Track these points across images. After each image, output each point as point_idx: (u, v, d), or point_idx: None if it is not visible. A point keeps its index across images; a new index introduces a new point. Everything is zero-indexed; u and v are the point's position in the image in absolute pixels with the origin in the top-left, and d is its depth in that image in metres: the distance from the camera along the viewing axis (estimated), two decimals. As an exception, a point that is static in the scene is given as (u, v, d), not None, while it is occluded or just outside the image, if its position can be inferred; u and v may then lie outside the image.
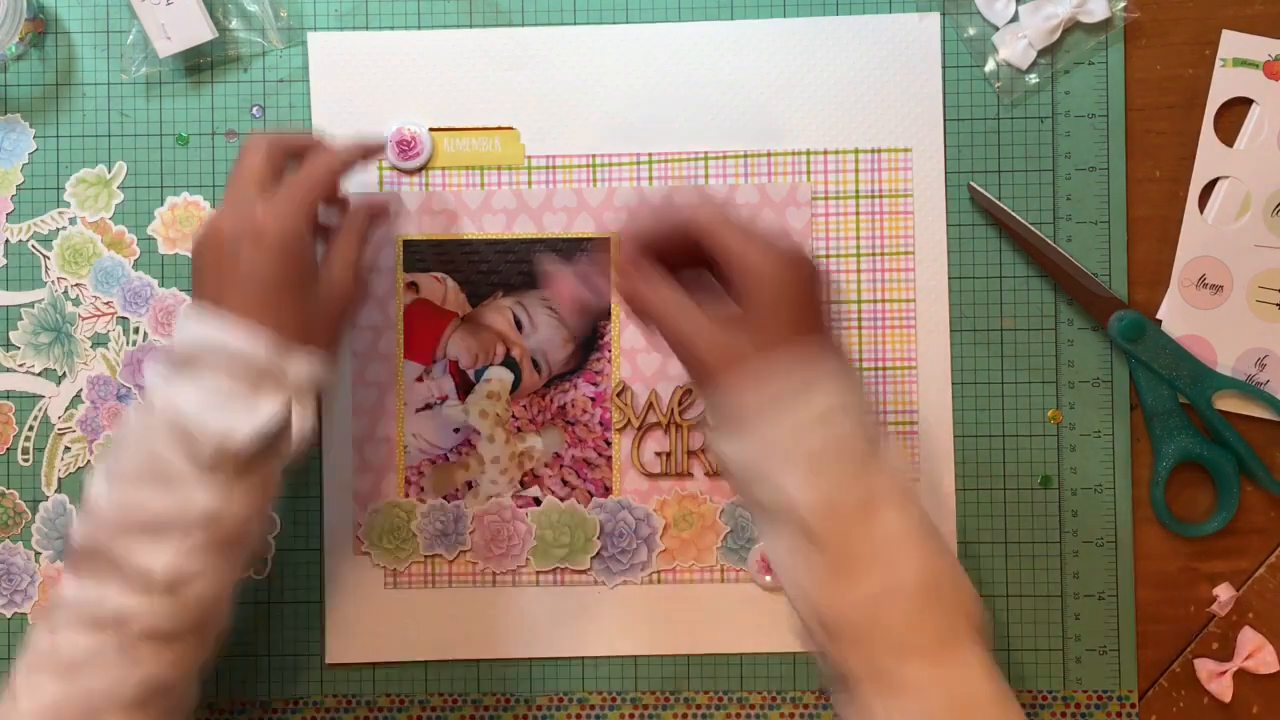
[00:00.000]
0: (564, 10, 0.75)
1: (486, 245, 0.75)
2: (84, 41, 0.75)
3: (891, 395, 0.74)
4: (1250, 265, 0.74)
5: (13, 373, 0.75)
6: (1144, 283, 0.75)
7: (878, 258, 0.75)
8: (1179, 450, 0.73)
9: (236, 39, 0.75)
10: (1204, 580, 0.74)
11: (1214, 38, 0.74)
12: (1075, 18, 0.74)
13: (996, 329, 0.75)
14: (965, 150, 0.75)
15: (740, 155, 0.75)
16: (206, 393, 0.59)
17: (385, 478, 0.75)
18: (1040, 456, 0.75)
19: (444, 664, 0.75)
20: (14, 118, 0.75)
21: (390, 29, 0.75)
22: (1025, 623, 0.74)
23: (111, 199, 0.75)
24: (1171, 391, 0.73)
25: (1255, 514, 0.74)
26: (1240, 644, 0.74)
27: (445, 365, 0.75)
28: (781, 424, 0.56)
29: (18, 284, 0.75)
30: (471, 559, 0.74)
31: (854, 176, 0.75)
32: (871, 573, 0.56)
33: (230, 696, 0.74)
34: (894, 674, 0.55)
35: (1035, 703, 0.74)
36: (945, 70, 0.75)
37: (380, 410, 0.75)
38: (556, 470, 0.75)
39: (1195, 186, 0.74)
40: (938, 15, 0.75)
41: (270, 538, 0.75)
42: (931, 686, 0.55)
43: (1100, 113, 0.75)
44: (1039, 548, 0.74)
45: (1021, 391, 0.75)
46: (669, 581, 0.74)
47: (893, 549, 0.56)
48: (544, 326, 0.75)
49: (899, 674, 0.55)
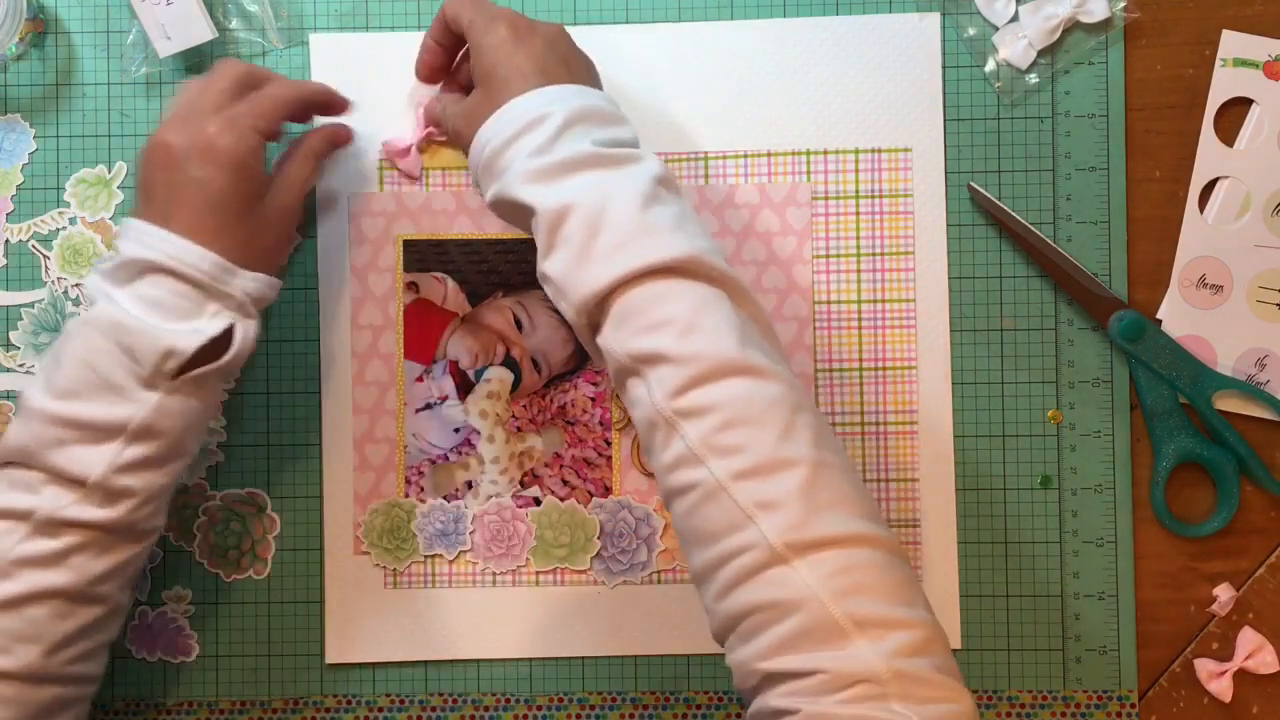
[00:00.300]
0: (563, 11, 0.75)
1: (486, 245, 0.75)
2: (84, 41, 0.75)
3: (891, 395, 0.75)
4: (1250, 265, 0.74)
5: (13, 373, 0.75)
6: (1144, 283, 0.75)
7: (878, 258, 0.75)
8: (1179, 450, 0.73)
9: (236, 39, 0.75)
10: (1204, 580, 0.74)
11: (1214, 38, 0.74)
12: (1075, 18, 0.74)
13: (996, 329, 0.75)
14: (965, 150, 0.75)
15: (740, 155, 0.75)
16: (150, 306, 0.60)
17: (385, 478, 0.75)
18: (1040, 456, 0.75)
19: (444, 664, 0.75)
20: (14, 118, 0.75)
21: (390, 29, 0.75)
22: (1025, 623, 0.74)
23: (111, 199, 0.75)
24: (1171, 391, 0.73)
25: (1255, 514, 0.74)
26: (1240, 644, 0.74)
27: (445, 365, 0.75)
28: (519, 155, 0.61)
29: (18, 284, 0.75)
30: (471, 559, 0.74)
31: (854, 176, 0.75)
32: (614, 258, 0.58)
33: (230, 696, 0.74)
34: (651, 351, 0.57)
35: (1035, 703, 0.74)
36: (945, 70, 0.75)
37: (380, 410, 0.75)
38: (556, 470, 0.75)
39: (1195, 186, 0.74)
40: (938, 15, 0.75)
41: (270, 537, 0.75)
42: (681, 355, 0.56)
43: (1100, 113, 0.75)
44: (1039, 548, 0.74)
45: (1021, 391, 0.75)
46: (669, 581, 0.74)
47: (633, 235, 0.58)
48: (544, 326, 0.75)
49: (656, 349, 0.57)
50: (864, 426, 0.74)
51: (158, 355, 0.59)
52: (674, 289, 0.58)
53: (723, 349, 0.56)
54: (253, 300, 0.63)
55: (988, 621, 0.74)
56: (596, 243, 0.58)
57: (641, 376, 0.58)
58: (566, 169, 0.60)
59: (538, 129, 0.61)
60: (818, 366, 0.74)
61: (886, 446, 0.74)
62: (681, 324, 0.57)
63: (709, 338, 0.56)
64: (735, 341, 0.56)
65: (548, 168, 0.60)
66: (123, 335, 0.59)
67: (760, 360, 0.57)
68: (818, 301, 0.75)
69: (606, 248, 0.58)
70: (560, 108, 0.61)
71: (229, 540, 0.75)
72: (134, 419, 0.59)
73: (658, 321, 0.57)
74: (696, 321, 0.57)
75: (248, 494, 0.75)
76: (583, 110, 0.62)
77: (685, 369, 0.56)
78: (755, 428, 0.55)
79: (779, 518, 0.53)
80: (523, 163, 0.61)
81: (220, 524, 0.75)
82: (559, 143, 0.61)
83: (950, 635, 0.74)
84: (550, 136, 0.61)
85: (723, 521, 0.54)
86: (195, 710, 0.74)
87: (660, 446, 0.57)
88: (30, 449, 0.59)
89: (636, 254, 0.58)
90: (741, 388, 0.56)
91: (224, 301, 0.62)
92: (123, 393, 0.59)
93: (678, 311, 0.57)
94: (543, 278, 0.61)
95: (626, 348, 0.58)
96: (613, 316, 0.58)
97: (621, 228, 0.58)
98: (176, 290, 0.61)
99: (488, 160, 0.63)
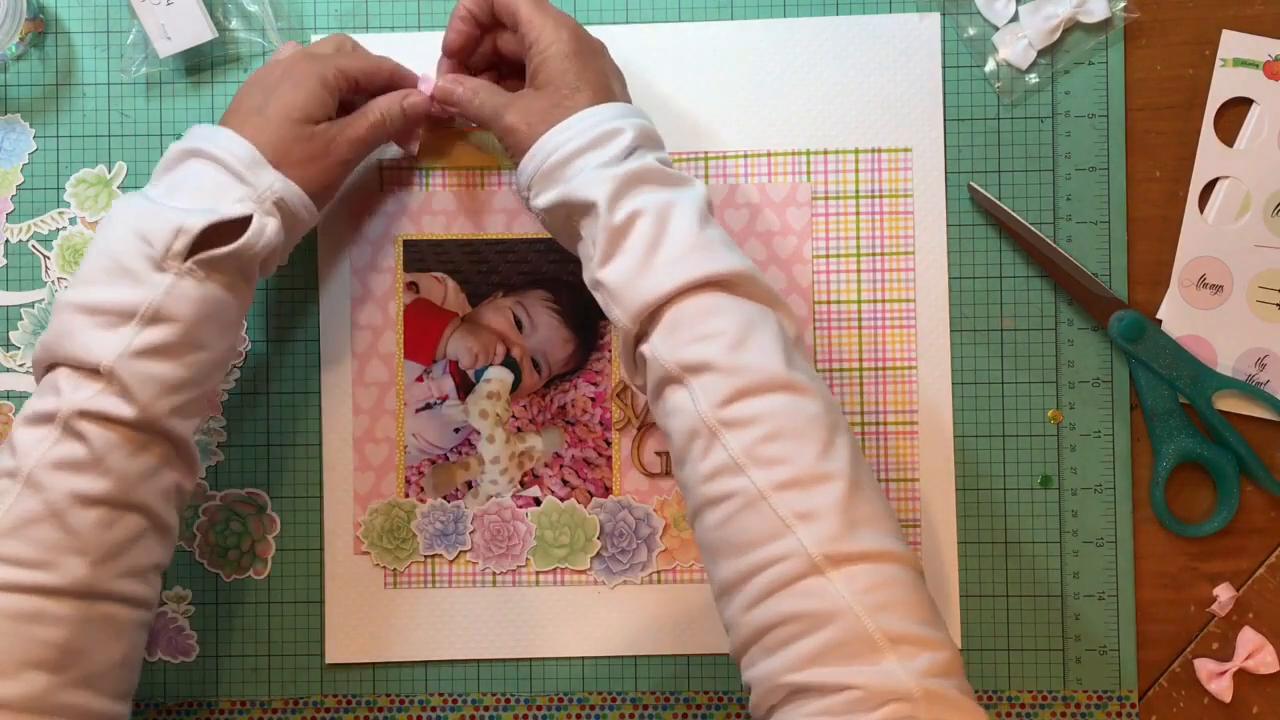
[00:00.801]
0: (564, 11, 0.75)
1: (486, 245, 0.75)
2: (84, 41, 0.75)
3: (891, 395, 0.75)
4: (1250, 265, 0.74)
5: (13, 373, 0.75)
6: (1144, 283, 0.75)
7: (878, 258, 0.75)
8: (1179, 450, 0.73)
9: (236, 39, 0.75)
10: (1204, 580, 0.75)
11: (1214, 38, 0.74)
12: (1075, 18, 0.74)
13: (996, 329, 0.75)
14: (965, 150, 0.75)
15: (740, 155, 0.75)
16: (177, 191, 0.62)
17: (385, 478, 0.75)
18: (1040, 456, 0.75)
19: (444, 664, 0.75)
20: (14, 118, 0.75)
21: (390, 29, 0.75)
22: (1025, 623, 0.74)
23: (111, 199, 0.75)
24: (1171, 391, 0.73)
25: (1255, 514, 0.74)
26: (1240, 644, 0.74)
27: (445, 365, 0.75)
28: (589, 165, 0.62)
29: (18, 284, 0.75)
30: (471, 559, 0.74)
31: (854, 176, 0.75)
32: (675, 269, 0.59)
33: (230, 696, 0.74)
34: (700, 361, 0.58)
35: (1035, 703, 0.74)
36: (945, 70, 0.75)
37: (380, 410, 0.75)
38: (556, 470, 0.75)
39: (1195, 186, 0.74)
40: (938, 15, 0.75)
41: (270, 537, 0.75)
42: (730, 366, 0.58)
43: (1100, 113, 0.75)
44: (1039, 548, 0.74)
45: (1021, 391, 0.75)
46: (669, 581, 0.74)
47: (692, 249, 0.60)
48: (544, 326, 0.75)
49: (705, 358, 0.58)
50: (864, 426, 0.74)
51: (169, 234, 0.59)
52: (726, 304, 0.59)
53: (770, 364, 0.58)
54: (276, 201, 0.63)
55: (988, 621, 0.74)
56: (658, 255, 0.60)
57: (685, 385, 0.59)
58: (637, 181, 0.62)
59: (611, 143, 0.63)
60: (818, 366, 0.74)
61: (886, 446, 0.74)
62: (732, 337, 0.58)
63: (757, 353, 0.58)
64: (782, 359, 0.58)
65: (619, 177, 0.61)
66: (139, 220, 0.60)
67: (804, 379, 0.58)
68: (818, 301, 0.75)
69: (668, 258, 0.60)
70: (630, 125, 0.63)
71: (229, 540, 0.75)
72: (146, 301, 0.59)
73: (709, 333, 0.58)
74: (746, 336, 0.58)
75: (248, 494, 0.75)
76: (647, 131, 0.64)
77: (733, 380, 0.57)
78: (797, 442, 0.56)
79: (818, 529, 0.54)
80: (593, 173, 0.62)
81: (220, 524, 0.75)
82: (629, 159, 0.63)
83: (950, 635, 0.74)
84: (622, 150, 0.62)
85: (761, 531, 0.55)
86: (195, 710, 0.74)
87: (699, 455, 0.58)
88: (52, 343, 0.60)
89: (696, 265, 0.59)
90: (786, 403, 0.57)
91: (248, 190, 0.62)
92: (136, 277, 0.59)
93: (729, 325, 0.58)
94: (594, 284, 0.62)
95: (676, 356, 0.59)
96: (664, 325, 0.59)
97: (682, 242, 0.60)
98: (208, 175, 0.62)
99: (551, 167, 0.63)
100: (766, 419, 0.57)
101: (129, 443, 0.59)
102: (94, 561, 0.57)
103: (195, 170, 0.63)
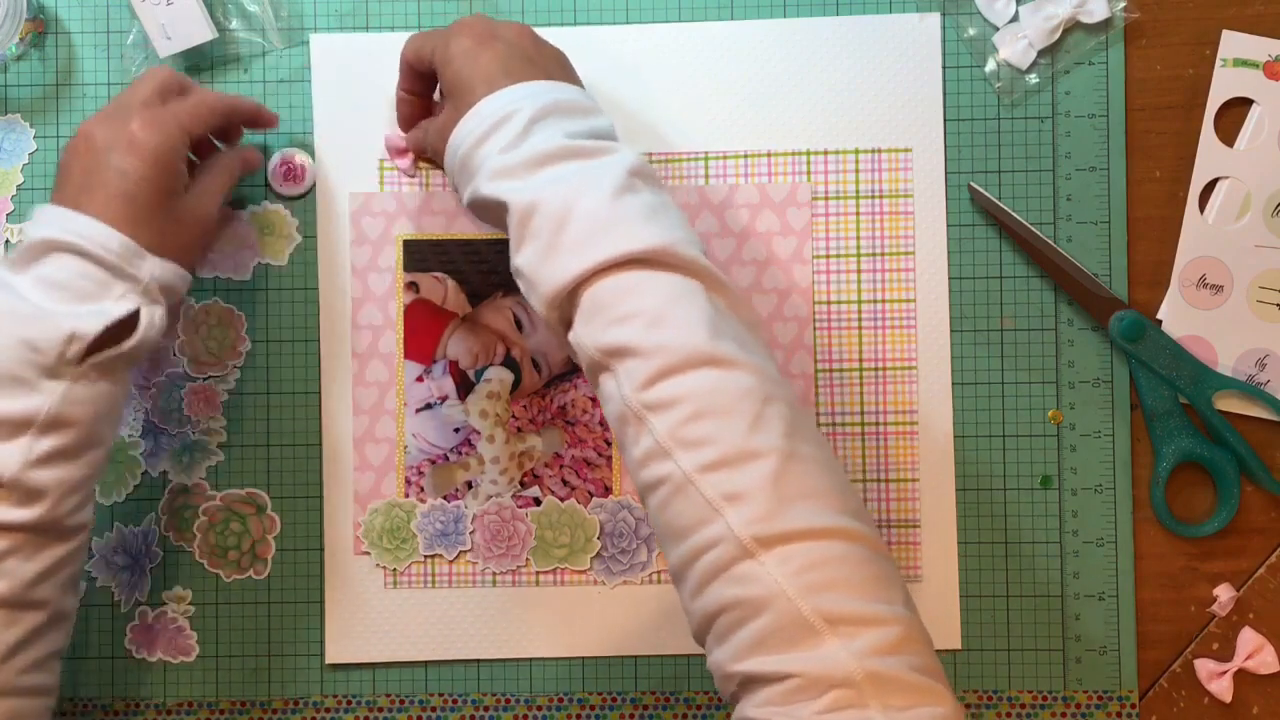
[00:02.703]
0: (564, 10, 0.75)
1: (486, 245, 0.75)
2: (84, 41, 0.75)
3: (891, 395, 0.75)
4: (1250, 265, 0.74)
5: (13, 373, 0.75)
6: (1144, 283, 0.75)
7: (878, 258, 0.75)
8: (1179, 450, 0.73)
9: (236, 39, 0.75)
10: (1204, 580, 0.74)
11: (1214, 38, 0.74)
12: (1075, 18, 0.74)
13: (996, 329, 0.75)
14: (965, 150, 0.75)
15: (740, 155, 0.75)
16: (52, 289, 0.59)
17: (385, 478, 0.75)
18: (1040, 456, 0.75)
19: (444, 664, 0.75)
20: (14, 118, 0.75)
21: (390, 29, 0.75)
22: (1025, 623, 0.74)
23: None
24: (1171, 391, 0.73)
25: (1255, 514, 0.74)
26: (1240, 644, 0.74)
27: (445, 365, 0.75)
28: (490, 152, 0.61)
29: (18, 284, 0.75)
30: (471, 559, 0.74)
31: (854, 176, 0.75)
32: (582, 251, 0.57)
33: (230, 696, 0.74)
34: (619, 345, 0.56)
35: (1035, 703, 0.74)
36: (945, 70, 0.75)
37: (380, 410, 0.75)
38: (556, 470, 0.75)
39: (1195, 186, 0.74)
40: (938, 15, 0.75)
41: (270, 537, 0.75)
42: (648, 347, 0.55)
43: (1100, 113, 0.75)
44: (1039, 548, 0.74)
45: (1021, 391, 0.75)
46: (669, 581, 0.74)
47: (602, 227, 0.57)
48: (544, 326, 0.75)
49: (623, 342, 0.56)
50: (864, 426, 0.74)
51: (60, 341, 0.58)
52: (644, 280, 0.56)
53: (691, 340, 0.55)
54: (160, 288, 0.62)
55: (988, 621, 0.74)
56: (564, 235, 0.57)
57: (611, 371, 0.56)
58: (537, 163, 0.59)
59: (505, 126, 0.60)
60: (818, 366, 0.74)
61: (886, 446, 0.74)
62: (650, 315, 0.55)
63: (678, 329, 0.55)
64: (705, 332, 0.55)
65: (518, 163, 0.59)
66: (20, 326, 0.58)
67: (731, 350, 0.55)
68: (818, 301, 0.75)
69: (574, 240, 0.57)
70: (528, 104, 0.61)
71: (229, 540, 0.75)
72: (42, 410, 0.58)
73: (626, 314, 0.56)
74: (666, 313, 0.55)
75: (248, 494, 0.75)
76: (553, 104, 0.61)
77: (652, 361, 0.55)
78: (723, 419, 0.54)
79: (745, 509, 0.52)
80: (494, 160, 0.60)
81: (220, 524, 0.75)
82: (529, 138, 0.60)
83: (950, 635, 0.74)
84: (519, 132, 0.60)
85: (692, 516, 0.53)
86: (195, 710, 0.74)
87: (631, 441, 0.56)
88: None
89: (605, 245, 0.56)
90: (710, 379, 0.54)
91: (130, 284, 0.61)
92: (28, 384, 0.58)
93: (647, 304, 0.56)
94: (515, 273, 0.60)
95: (596, 341, 0.57)
96: (582, 310, 0.57)
97: (591, 219, 0.57)
98: (81, 271, 0.60)
99: (460, 163, 0.63)
100: (689, 399, 0.54)
101: (28, 545, 0.59)
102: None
103: (66, 265, 0.60)
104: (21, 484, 0.58)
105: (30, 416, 0.58)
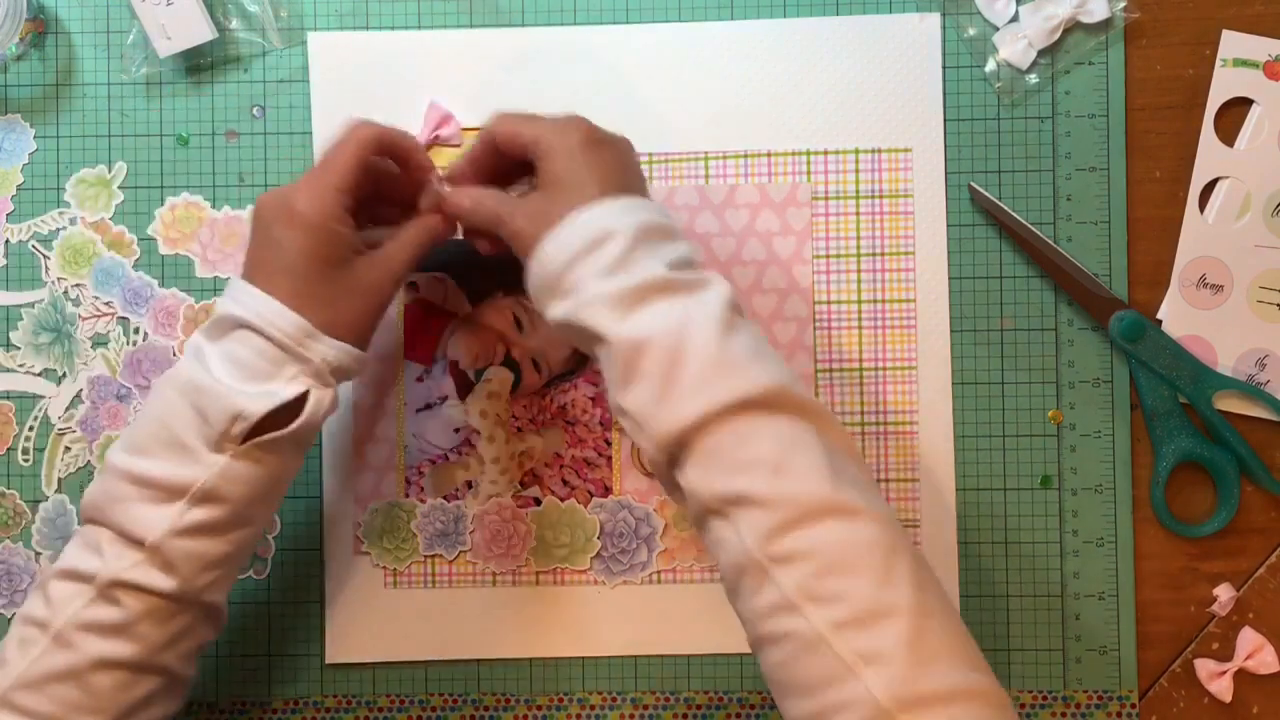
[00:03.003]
0: (564, 10, 0.75)
1: (486, 245, 0.75)
2: (84, 41, 0.75)
3: (891, 395, 0.75)
4: (1250, 265, 0.74)
5: (13, 373, 0.75)
6: (1144, 283, 0.75)
7: (878, 258, 0.75)
8: (1179, 450, 0.73)
9: (236, 39, 0.75)
10: (1204, 580, 0.74)
11: (1214, 38, 0.74)
12: (1075, 18, 0.74)
13: (996, 329, 0.75)
14: (965, 150, 0.75)
15: (740, 155, 0.75)
16: (234, 365, 0.60)
17: (385, 478, 0.75)
18: (1040, 456, 0.75)
19: (444, 664, 0.75)
20: (14, 118, 0.75)
21: (390, 29, 0.75)
22: (1025, 623, 0.74)
23: (111, 199, 0.75)
24: (1171, 391, 0.73)
25: (1255, 514, 0.74)
26: (1240, 644, 0.74)
27: (445, 365, 0.75)
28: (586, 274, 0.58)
29: (18, 284, 0.75)
30: (471, 559, 0.74)
31: (854, 176, 0.75)
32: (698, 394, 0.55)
33: (230, 696, 0.74)
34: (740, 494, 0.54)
35: (1035, 703, 0.74)
36: (945, 70, 0.75)
37: (380, 410, 0.75)
38: (556, 470, 0.75)
39: (1195, 186, 0.74)
40: (938, 15, 0.75)
41: (270, 537, 0.75)
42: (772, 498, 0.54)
43: (1100, 113, 0.75)
44: (1039, 548, 0.74)
45: (1021, 391, 0.75)
46: (669, 581, 0.74)
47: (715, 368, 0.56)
48: (544, 326, 0.74)
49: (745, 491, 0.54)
50: (864, 426, 0.74)
51: (227, 418, 0.58)
52: (760, 425, 0.55)
53: (815, 490, 0.54)
54: (331, 369, 0.61)
55: (988, 622, 0.74)
56: (677, 378, 0.56)
57: (728, 519, 0.55)
58: (641, 295, 0.57)
59: (604, 247, 0.58)
60: (818, 366, 0.74)
61: (886, 446, 0.74)
62: (770, 464, 0.54)
63: (800, 478, 0.54)
64: (828, 480, 0.54)
65: (622, 294, 0.57)
66: (197, 395, 0.59)
67: (853, 498, 0.54)
68: (818, 301, 0.75)
69: (689, 383, 0.56)
70: (625, 224, 0.59)
71: (229, 540, 0.75)
72: (198, 481, 0.58)
73: (746, 462, 0.55)
74: (786, 461, 0.54)
75: (248, 494, 0.75)
76: (647, 226, 0.59)
77: (777, 513, 0.54)
78: (853, 573, 0.53)
79: (885, 671, 0.51)
80: (595, 285, 0.58)
81: (220, 524, 0.75)
82: (630, 267, 0.58)
83: None
84: (618, 257, 0.58)
85: (823, 673, 0.52)
86: (195, 710, 0.74)
87: (750, 592, 0.55)
88: (100, 503, 0.60)
89: (721, 390, 0.55)
90: (836, 531, 0.53)
91: (303, 366, 0.60)
92: (191, 453, 0.59)
93: (766, 451, 0.55)
94: (618, 410, 0.58)
95: (713, 489, 0.55)
96: (696, 455, 0.56)
97: (702, 361, 0.56)
98: (260, 350, 0.60)
99: (553, 278, 0.60)
100: (817, 553, 0.53)
101: (161, 611, 0.59)
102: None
103: (248, 342, 0.60)
104: (163, 550, 0.58)
105: (185, 485, 0.59)
